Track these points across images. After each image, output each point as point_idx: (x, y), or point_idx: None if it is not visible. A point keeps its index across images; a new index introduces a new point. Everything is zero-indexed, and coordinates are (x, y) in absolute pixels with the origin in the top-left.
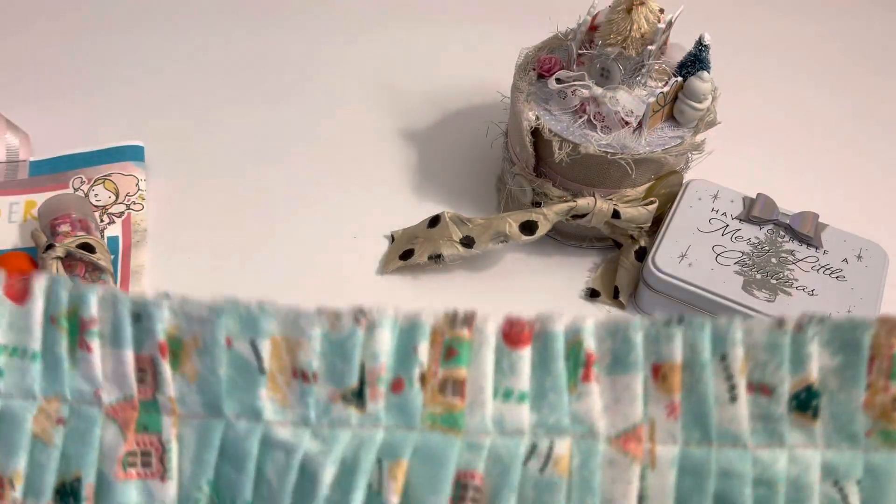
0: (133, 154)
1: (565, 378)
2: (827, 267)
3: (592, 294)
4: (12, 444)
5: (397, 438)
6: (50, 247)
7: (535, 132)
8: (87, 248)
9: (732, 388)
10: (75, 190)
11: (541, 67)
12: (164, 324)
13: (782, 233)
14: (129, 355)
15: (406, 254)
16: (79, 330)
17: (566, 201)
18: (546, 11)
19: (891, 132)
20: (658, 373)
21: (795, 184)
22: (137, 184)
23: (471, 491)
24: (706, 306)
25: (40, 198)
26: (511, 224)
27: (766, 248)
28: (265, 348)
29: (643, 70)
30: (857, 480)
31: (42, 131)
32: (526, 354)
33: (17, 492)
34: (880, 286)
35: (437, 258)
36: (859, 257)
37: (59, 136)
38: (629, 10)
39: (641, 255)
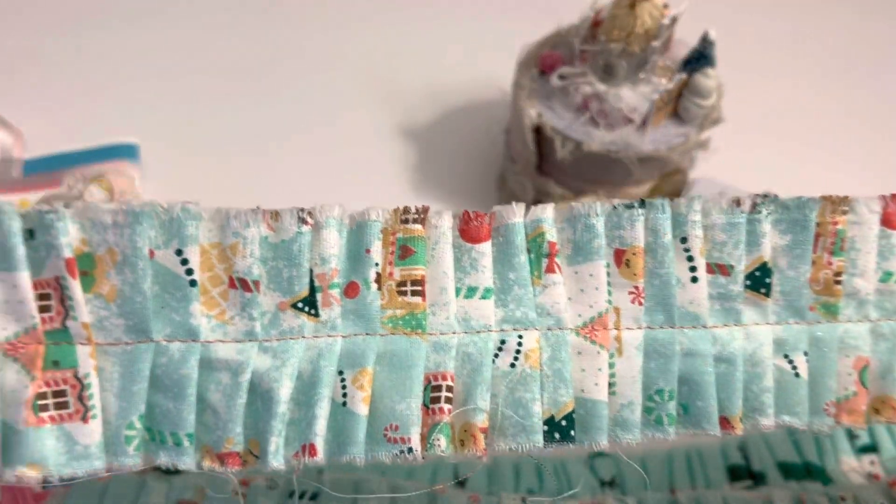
0: (128, 152)
1: (528, 271)
2: None
3: None
4: None
5: (358, 345)
6: None
7: (537, 130)
8: None
9: (693, 269)
10: (69, 189)
11: (543, 64)
12: (68, 237)
13: None
14: (23, 278)
15: None
16: None
17: (568, 200)
18: (548, 7)
19: None
20: (621, 259)
21: (802, 182)
22: (133, 182)
23: (444, 391)
24: None
25: (34, 197)
26: None
27: None
28: (193, 257)
29: (647, 66)
30: (804, 352)
31: (36, 129)
32: (486, 250)
33: None
34: None
35: None
36: None
37: (54, 133)
38: (633, 6)
39: None
